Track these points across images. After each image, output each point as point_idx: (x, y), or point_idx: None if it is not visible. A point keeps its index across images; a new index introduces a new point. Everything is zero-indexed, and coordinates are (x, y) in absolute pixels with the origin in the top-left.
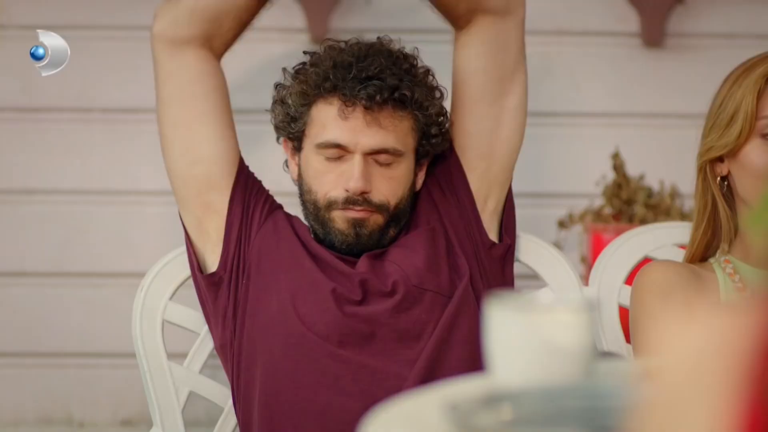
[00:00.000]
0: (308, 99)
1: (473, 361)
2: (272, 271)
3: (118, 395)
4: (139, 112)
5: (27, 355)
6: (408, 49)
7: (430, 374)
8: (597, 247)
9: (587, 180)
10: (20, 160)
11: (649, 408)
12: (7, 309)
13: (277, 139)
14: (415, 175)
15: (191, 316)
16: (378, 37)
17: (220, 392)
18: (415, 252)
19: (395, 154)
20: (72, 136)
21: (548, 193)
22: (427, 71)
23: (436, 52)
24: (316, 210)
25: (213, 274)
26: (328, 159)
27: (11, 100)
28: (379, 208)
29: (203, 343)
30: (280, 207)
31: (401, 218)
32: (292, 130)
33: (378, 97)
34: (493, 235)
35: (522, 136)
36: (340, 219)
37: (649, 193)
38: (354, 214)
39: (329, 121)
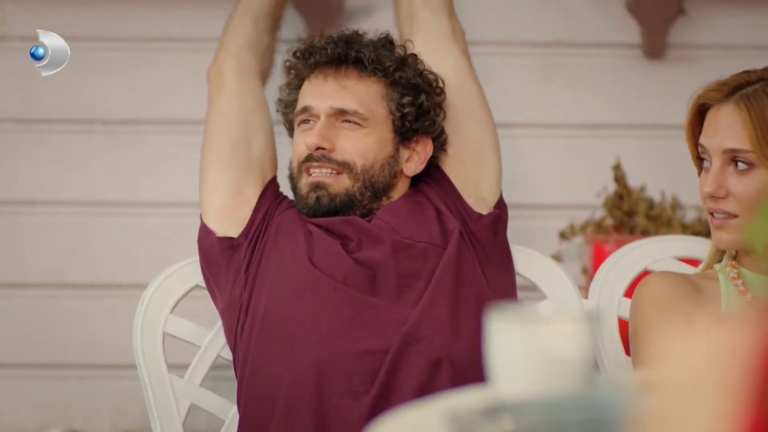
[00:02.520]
0: (296, 83)
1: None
2: (288, 232)
3: (119, 407)
4: (140, 123)
5: (28, 366)
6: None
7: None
8: (598, 258)
9: (588, 191)
10: (21, 172)
11: (650, 419)
12: (8, 320)
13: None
14: (397, 151)
15: (192, 329)
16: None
17: (220, 405)
18: (400, 215)
19: (358, 116)
20: (73, 147)
21: (549, 204)
22: (413, 54)
23: None
24: (293, 180)
25: (232, 238)
26: (303, 126)
27: (12, 112)
28: (342, 166)
29: (204, 356)
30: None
31: (378, 188)
32: (288, 118)
33: (330, 52)
34: (480, 208)
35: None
36: (304, 185)
37: (651, 204)
38: (314, 178)
39: (303, 90)
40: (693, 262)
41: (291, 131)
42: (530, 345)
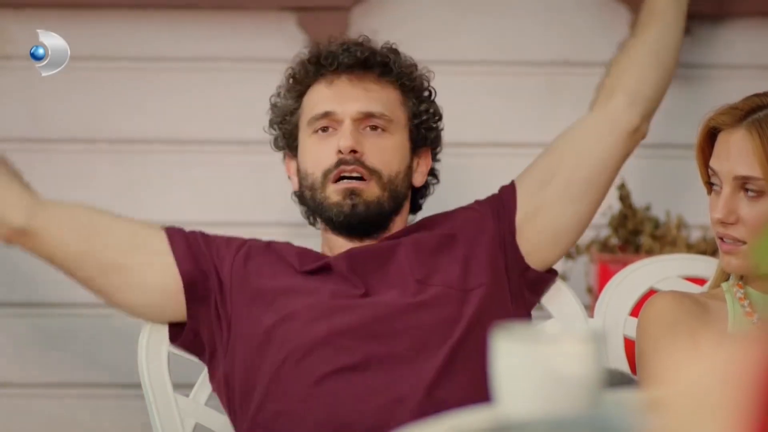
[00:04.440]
0: (299, 90)
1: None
2: (265, 294)
3: (124, 426)
4: (146, 142)
5: (32, 386)
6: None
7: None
8: (603, 277)
9: None
10: None
11: None
12: (14, 339)
13: (283, 158)
14: (412, 160)
15: None
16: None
17: (225, 424)
18: (422, 250)
19: (384, 119)
20: (78, 166)
21: None
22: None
23: (443, 83)
24: (313, 192)
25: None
26: (321, 134)
27: (18, 131)
28: (373, 173)
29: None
30: (244, 247)
31: (399, 199)
32: (287, 128)
33: (359, 55)
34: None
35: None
36: (333, 193)
37: (656, 223)
38: (346, 184)
39: (317, 96)
40: (699, 281)
41: (284, 144)
42: (536, 364)
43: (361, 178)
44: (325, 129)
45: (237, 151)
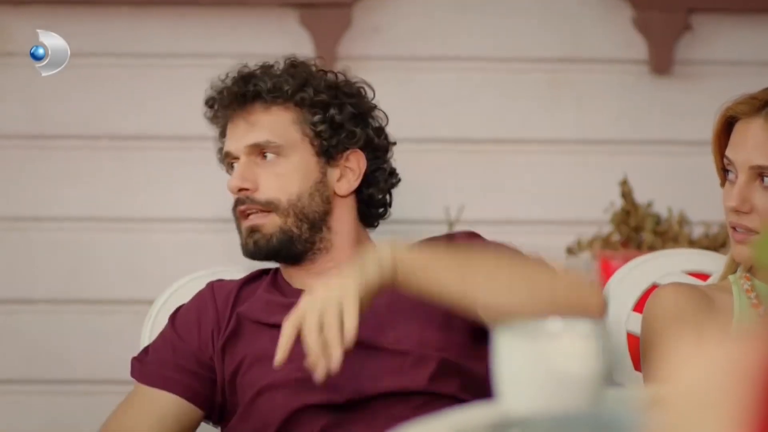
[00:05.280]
0: (222, 132)
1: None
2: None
3: None
4: (147, 139)
5: (35, 382)
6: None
7: None
8: (606, 273)
9: (595, 207)
10: (28, 188)
11: None
12: (15, 336)
13: None
14: (324, 174)
15: None
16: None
17: None
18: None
19: (272, 147)
20: (80, 163)
21: (556, 220)
22: (326, 71)
23: (444, 79)
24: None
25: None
26: (231, 171)
27: (19, 128)
28: (268, 205)
29: None
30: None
31: (313, 218)
32: (225, 165)
33: (227, 95)
34: None
35: None
36: (242, 230)
37: (658, 220)
38: (249, 222)
39: (225, 136)
40: (702, 276)
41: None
42: (538, 361)
43: (262, 212)
44: (231, 166)
45: None
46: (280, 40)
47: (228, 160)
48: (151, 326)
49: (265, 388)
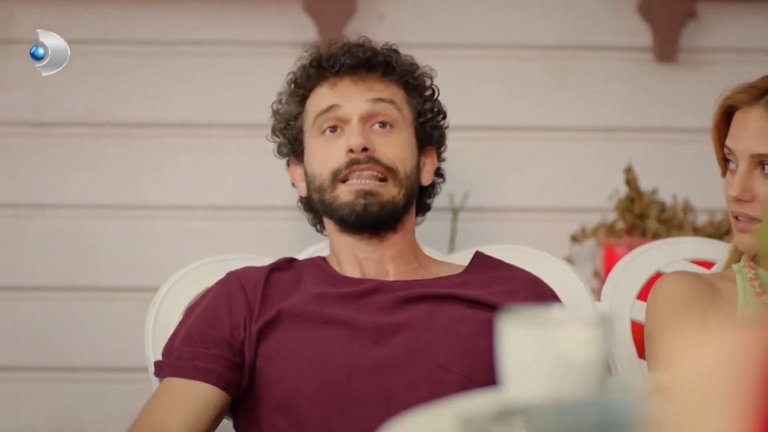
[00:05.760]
0: (301, 94)
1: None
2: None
3: (131, 410)
4: (151, 126)
5: (39, 370)
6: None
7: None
8: (610, 261)
9: (600, 194)
10: (32, 175)
11: (664, 422)
12: (19, 323)
13: (287, 165)
14: (419, 159)
15: None
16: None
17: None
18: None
19: (392, 117)
20: (83, 150)
21: (561, 207)
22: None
23: (448, 67)
24: (321, 194)
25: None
26: (329, 135)
27: (23, 115)
28: (389, 170)
29: None
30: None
31: (412, 196)
32: (291, 133)
33: (361, 55)
34: None
35: None
36: (344, 192)
37: (662, 207)
38: (359, 185)
39: (321, 97)
40: (706, 264)
41: (288, 151)
42: (543, 348)
43: (378, 179)
44: (333, 129)
45: (242, 135)
46: (285, 28)
47: (327, 119)
48: (156, 313)
49: (296, 390)
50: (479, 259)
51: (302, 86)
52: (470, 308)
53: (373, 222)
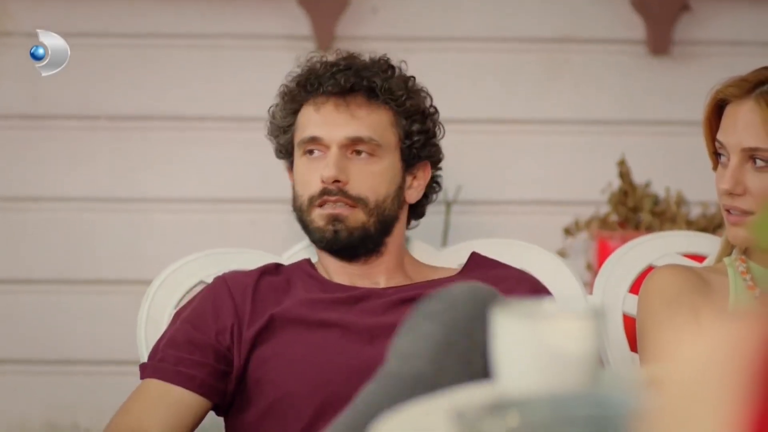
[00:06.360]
0: (292, 107)
1: None
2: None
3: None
4: (146, 119)
5: (33, 362)
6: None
7: None
8: (603, 254)
9: (593, 187)
10: (26, 168)
11: (656, 415)
12: (13, 316)
13: (286, 167)
14: (404, 180)
15: None
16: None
17: None
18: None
19: (372, 145)
20: (78, 143)
21: (554, 200)
22: (410, 77)
23: (441, 60)
24: (301, 214)
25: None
26: (309, 157)
27: (18, 108)
28: (357, 201)
29: None
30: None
31: (387, 222)
32: (282, 143)
33: (344, 82)
34: None
35: None
36: (318, 217)
37: (655, 200)
38: (330, 209)
39: (306, 118)
40: (698, 258)
41: (282, 155)
42: (535, 341)
43: (348, 205)
44: (311, 152)
45: (237, 128)
46: (279, 21)
47: (309, 145)
48: (148, 306)
49: (291, 392)
50: (475, 259)
51: (292, 101)
52: None
53: (345, 248)
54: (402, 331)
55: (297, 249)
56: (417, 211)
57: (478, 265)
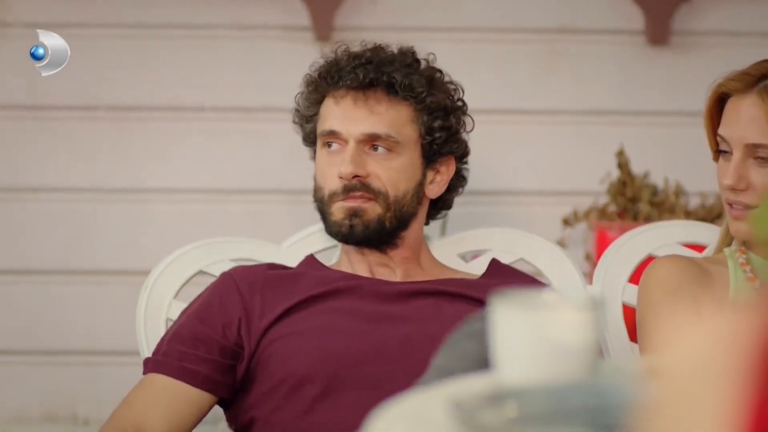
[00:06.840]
0: (315, 97)
1: None
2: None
3: (123, 393)
4: (145, 109)
5: (32, 353)
6: (429, 57)
7: None
8: (602, 244)
9: (592, 178)
10: (26, 158)
11: (655, 406)
12: (12, 307)
13: (312, 156)
14: (424, 176)
15: None
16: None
17: None
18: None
19: (390, 141)
20: (77, 133)
21: (553, 190)
22: (437, 70)
23: (440, 50)
24: (322, 205)
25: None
26: (329, 152)
27: (17, 98)
28: (378, 194)
29: None
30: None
31: (405, 218)
32: (307, 132)
33: (363, 77)
34: None
35: None
36: (337, 210)
37: (654, 190)
38: (352, 203)
39: (327, 110)
40: (698, 248)
41: (308, 143)
42: (534, 331)
43: (368, 198)
44: (329, 144)
45: (236, 118)
46: (277, 12)
47: (328, 138)
48: (148, 297)
49: (294, 372)
50: (494, 266)
51: (315, 91)
52: (479, 308)
53: (359, 241)
54: (443, 349)
55: (296, 239)
56: (443, 204)
57: (497, 272)
